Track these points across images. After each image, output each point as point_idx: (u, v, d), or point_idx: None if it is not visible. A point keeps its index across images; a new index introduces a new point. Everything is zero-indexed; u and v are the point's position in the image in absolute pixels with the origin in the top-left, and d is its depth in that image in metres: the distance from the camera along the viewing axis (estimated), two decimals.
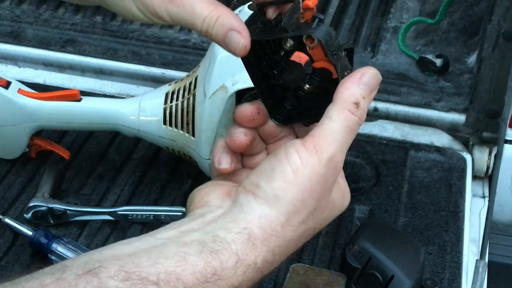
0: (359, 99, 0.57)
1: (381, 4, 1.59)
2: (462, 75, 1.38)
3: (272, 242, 0.52)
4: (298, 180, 0.54)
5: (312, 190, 0.54)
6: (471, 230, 1.14)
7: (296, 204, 0.53)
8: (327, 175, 0.55)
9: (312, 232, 0.57)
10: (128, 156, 1.23)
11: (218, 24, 0.59)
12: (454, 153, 1.25)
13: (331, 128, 0.56)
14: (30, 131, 1.14)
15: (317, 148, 0.55)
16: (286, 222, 0.53)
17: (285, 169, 0.54)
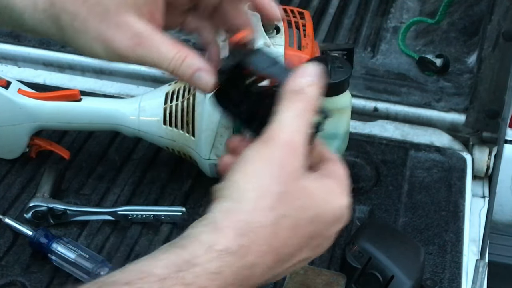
0: (302, 87, 0.59)
1: (381, 4, 1.59)
2: (462, 75, 1.38)
3: (242, 227, 0.53)
4: (255, 167, 0.55)
5: (273, 174, 0.55)
6: (471, 230, 1.14)
7: (259, 189, 0.54)
8: (285, 158, 0.56)
9: (295, 224, 0.56)
10: (128, 156, 1.23)
11: (185, 65, 0.62)
12: (454, 153, 1.25)
13: (279, 118, 0.58)
14: (30, 131, 1.14)
15: (270, 137, 0.57)
16: (252, 208, 0.54)
17: (243, 163, 0.56)
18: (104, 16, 0.61)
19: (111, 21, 0.61)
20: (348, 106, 0.98)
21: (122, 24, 0.61)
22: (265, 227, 0.54)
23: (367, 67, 1.42)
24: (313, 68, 0.61)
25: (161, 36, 0.63)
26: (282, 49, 0.96)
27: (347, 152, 1.10)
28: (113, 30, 0.61)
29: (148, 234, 1.08)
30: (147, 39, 0.62)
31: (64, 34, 0.63)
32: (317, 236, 0.59)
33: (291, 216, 0.55)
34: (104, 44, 0.62)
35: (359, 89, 1.35)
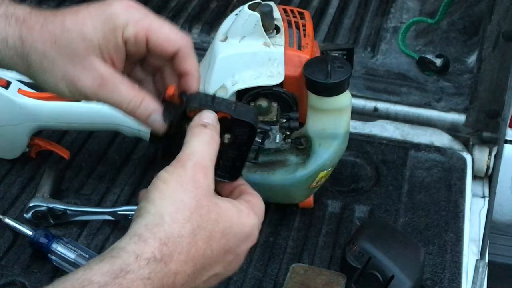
0: (205, 123, 0.69)
1: (381, 4, 1.59)
2: (462, 75, 1.38)
3: (163, 237, 0.58)
4: (170, 185, 0.62)
5: (187, 190, 0.62)
6: (471, 230, 1.14)
7: (175, 204, 0.61)
8: (196, 176, 0.64)
9: (209, 235, 0.62)
10: (128, 156, 1.23)
11: (142, 107, 0.70)
12: (454, 153, 1.25)
13: (189, 145, 0.67)
14: (30, 131, 1.14)
15: (182, 160, 0.65)
16: (171, 220, 0.60)
17: (158, 183, 0.63)
18: (72, 58, 0.67)
19: (78, 63, 0.67)
20: (348, 106, 0.98)
21: (88, 66, 0.67)
22: (183, 237, 0.60)
23: (367, 67, 1.42)
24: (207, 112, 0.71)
25: (122, 79, 0.69)
26: (282, 49, 0.97)
27: (347, 152, 1.10)
28: (79, 71, 0.67)
29: None
30: (109, 81, 0.68)
31: (32, 71, 0.69)
32: (229, 251, 0.66)
33: (205, 228, 0.62)
34: (69, 83, 0.68)
35: (359, 89, 1.36)
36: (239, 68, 0.97)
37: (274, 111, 0.95)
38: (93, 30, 0.67)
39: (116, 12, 0.68)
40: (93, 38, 0.67)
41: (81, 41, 0.67)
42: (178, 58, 0.71)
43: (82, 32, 0.67)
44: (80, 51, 0.67)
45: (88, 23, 0.67)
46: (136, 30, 0.69)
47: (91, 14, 0.68)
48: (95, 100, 0.69)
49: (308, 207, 1.13)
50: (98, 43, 0.67)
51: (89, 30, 0.67)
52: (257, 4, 0.97)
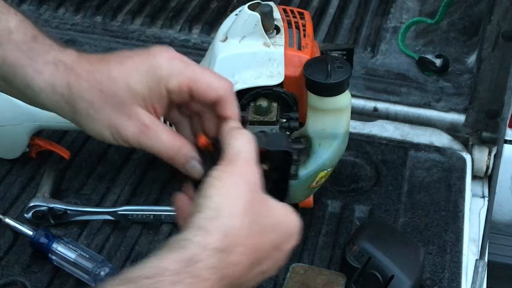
0: (240, 125, 0.73)
1: (381, 4, 1.59)
2: (461, 75, 1.38)
3: (225, 230, 0.62)
4: (223, 183, 0.66)
5: (239, 185, 0.66)
6: (471, 230, 1.14)
7: (230, 199, 0.65)
8: (246, 172, 0.67)
9: (262, 229, 0.65)
10: (128, 156, 1.23)
11: (181, 154, 0.73)
12: (454, 153, 1.25)
13: (233, 147, 0.69)
14: (30, 131, 1.14)
15: (230, 159, 0.68)
16: (229, 214, 0.63)
17: (212, 182, 0.66)
18: (117, 107, 0.71)
19: (123, 111, 0.71)
20: (348, 106, 0.98)
21: (132, 115, 0.71)
22: (241, 229, 0.63)
23: (367, 67, 1.42)
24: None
25: (163, 127, 0.72)
26: (282, 49, 0.97)
27: (347, 152, 1.10)
28: (123, 120, 0.71)
29: (148, 234, 1.08)
30: (151, 129, 0.71)
31: (77, 117, 0.74)
32: (277, 247, 0.68)
33: (258, 222, 0.65)
34: (114, 131, 0.72)
35: (359, 89, 1.36)
36: (239, 68, 0.97)
37: (274, 111, 0.95)
38: (138, 81, 0.71)
39: (160, 63, 0.71)
40: (138, 89, 0.71)
41: (127, 92, 0.71)
42: (218, 104, 0.73)
43: (127, 83, 0.71)
44: (126, 100, 0.71)
45: (133, 74, 0.71)
46: (179, 81, 0.71)
47: (137, 65, 0.72)
48: (137, 147, 0.73)
49: (308, 207, 1.13)
50: (143, 94, 0.71)
51: (135, 81, 0.71)
52: (257, 4, 0.98)
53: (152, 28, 1.53)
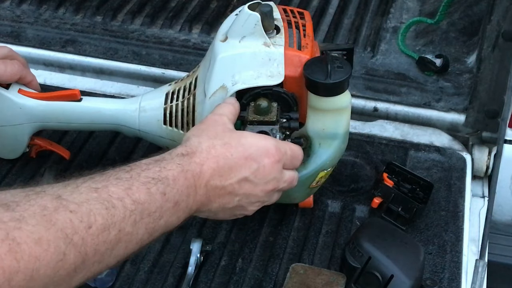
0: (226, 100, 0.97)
1: (381, 4, 1.59)
2: (461, 75, 1.38)
3: (187, 144, 0.83)
4: (197, 127, 0.89)
5: (204, 123, 0.88)
6: (471, 230, 1.14)
7: (195, 130, 0.87)
8: (213, 117, 0.89)
9: (225, 142, 0.84)
10: (128, 156, 1.23)
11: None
12: (454, 153, 1.26)
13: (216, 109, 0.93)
14: (30, 131, 1.14)
15: (207, 117, 0.91)
16: (193, 136, 0.84)
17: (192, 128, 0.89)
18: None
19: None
20: (348, 106, 0.98)
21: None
22: (202, 143, 0.83)
23: (367, 67, 1.42)
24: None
25: None
26: (282, 49, 0.97)
27: (347, 152, 1.10)
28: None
29: None
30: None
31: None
32: (250, 158, 0.84)
33: (222, 138, 0.84)
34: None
35: (359, 89, 1.36)
36: (239, 68, 0.97)
37: (274, 111, 0.95)
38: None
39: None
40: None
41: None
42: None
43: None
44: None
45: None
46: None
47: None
48: None
49: (308, 207, 1.13)
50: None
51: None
52: (257, 4, 0.98)
53: (152, 28, 1.53)
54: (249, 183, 0.84)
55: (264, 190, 0.86)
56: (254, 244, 1.08)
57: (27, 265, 0.59)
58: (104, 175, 0.72)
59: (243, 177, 0.84)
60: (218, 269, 1.05)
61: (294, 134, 0.99)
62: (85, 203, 0.66)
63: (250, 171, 0.84)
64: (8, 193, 0.64)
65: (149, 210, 0.72)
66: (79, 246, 0.64)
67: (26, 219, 0.60)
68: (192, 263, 1.03)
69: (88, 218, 0.65)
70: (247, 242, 1.09)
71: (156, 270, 1.04)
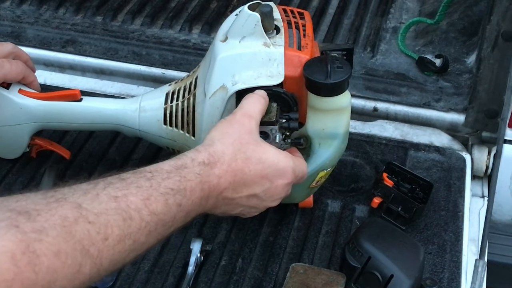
0: (256, 92, 0.95)
1: (380, 5, 1.59)
2: (461, 75, 1.38)
3: (211, 151, 0.82)
4: (221, 124, 0.87)
5: (232, 126, 0.86)
6: (471, 229, 1.14)
7: (221, 134, 0.85)
8: (241, 119, 0.87)
9: (247, 157, 0.84)
10: (128, 156, 1.23)
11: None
12: (454, 153, 1.26)
13: (240, 104, 0.92)
14: (30, 131, 1.14)
15: (233, 113, 0.90)
16: (218, 142, 0.84)
17: (216, 125, 0.88)
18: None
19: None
20: (348, 106, 0.98)
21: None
22: (225, 154, 0.83)
23: (367, 67, 1.42)
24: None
25: None
26: (282, 49, 0.97)
27: (347, 152, 1.10)
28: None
29: None
30: None
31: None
32: (265, 177, 0.85)
33: (245, 152, 0.84)
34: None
35: (358, 89, 1.36)
36: (239, 69, 0.97)
37: (274, 112, 0.95)
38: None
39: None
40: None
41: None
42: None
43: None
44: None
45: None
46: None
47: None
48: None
49: (308, 207, 1.14)
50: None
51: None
52: (257, 5, 0.98)
53: (152, 28, 1.53)
54: (257, 199, 0.87)
55: (268, 205, 0.90)
56: (254, 244, 1.09)
57: (45, 277, 0.60)
58: (125, 182, 0.73)
59: (254, 194, 0.86)
60: (218, 268, 1.05)
61: (294, 134, 0.99)
62: (104, 214, 0.67)
63: (262, 189, 0.86)
64: (29, 198, 0.64)
65: (164, 221, 0.74)
66: (95, 258, 0.65)
67: (47, 230, 0.61)
68: (192, 262, 1.03)
69: (105, 230, 0.66)
70: (247, 242, 1.09)
71: (156, 269, 1.04)
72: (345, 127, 0.99)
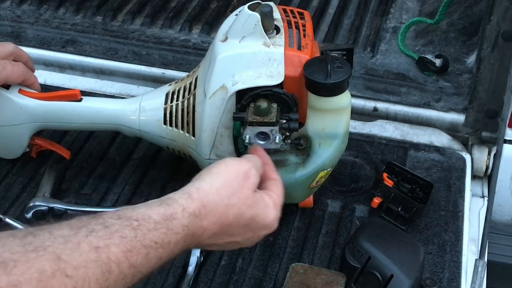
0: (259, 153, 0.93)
1: (380, 5, 1.59)
2: (461, 75, 1.38)
3: (205, 201, 0.79)
4: (228, 169, 0.83)
5: (237, 177, 0.83)
6: (471, 229, 1.14)
7: (223, 182, 0.82)
8: (249, 172, 0.84)
9: (239, 213, 0.81)
10: (128, 156, 1.23)
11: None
12: (454, 153, 1.26)
13: (248, 156, 0.90)
14: (30, 131, 1.14)
15: (244, 157, 0.88)
16: (216, 192, 0.80)
17: (220, 164, 0.84)
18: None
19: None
20: (347, 106, 0.98)
21: None
22: (219, 206, 0.80)
23: (367, 67, 1.42)
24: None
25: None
26: (282, 49, 0.97)
27: (347, 152, 1.10)
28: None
29: None
30: None
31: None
32: (251, 230, 0.84)
33: (239, 208, 0.81)
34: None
35: (358, 89, 1.36)
36: (239, 69, 0.97)
37: (274, 112, 0.95)
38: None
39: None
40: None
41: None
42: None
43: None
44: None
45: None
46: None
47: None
48: None
49: (308, 207, 1.14)
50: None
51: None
52: (257, 5, 0.98)
53: (152, 28, 1.53)
54: (235, 244, 0.85)
55: (245, 246, 0.89)
56: (254, 244, 1.08)
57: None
58: (109, 230, 0.70)
59: (234, 241, 0.84)
60: (218, 268, 1.05)
61: (294, 134, 1.00)
62: (83, 266, 0.65)
63: (244, 237, 0.85)
64: (6, 245, 0.62)
65: (141, 273, 0.72)
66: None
67: (22, 285, 0.60)
68: (192, 262, 1.03)
69: (82, 284, 0.64)
70: None
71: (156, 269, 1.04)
72: (345, 127, 1.00)
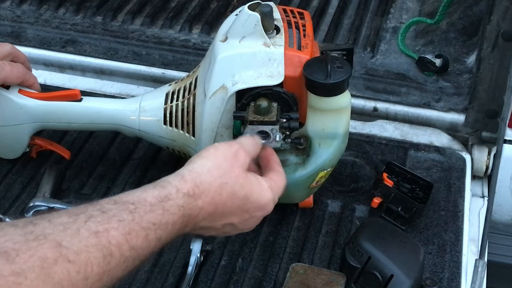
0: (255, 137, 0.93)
1: (380, 4, 1.59)
2: (461, 75, 1.38)
3: (197, 181, 0.80)
4: (217, 151, 0.84)
5: (226, 158, 0.84)
6: (471, 229, 1.14)
7: (214, 163, 0.83)
8: (237, 152, 0.85)
9: (233, 192, 0.82)
10: (128, 156, 1.23)
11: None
12: (454, 153, 1.26)
13: (238, 138, 0.90)
14: (30, 131, 1.14)
15: (231, 142, 0.88)
16: (207, 172, 0.81)
17: (210, 148, 0.85)
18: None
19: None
20: (347, 106, 0.98)
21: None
22: (212, 185, 0.81)
23: (367, 67, 1.42)
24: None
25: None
26: (282, 49, 0.97)
27: (347, 152, 1.10)
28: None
29: None
30: None
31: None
32: (246, 211, 0.85)
33: (232, 187, 0.82)
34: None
35: (358, 89, 1.36)
36: (239, 68, 0.97)
37: (274, 111, 0.95)
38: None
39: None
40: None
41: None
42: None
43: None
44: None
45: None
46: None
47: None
48: None
49: (308, 207, 1.14)
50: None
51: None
52: (257, 5, 0.98)
53: (152, 28, 1.53)
54: (232, 227, 0.86)
55: (240, 232, 0.89)
56: (254, 244, 1.09)
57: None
58: (106, 215, 0.71)
59: (230, 223, 0.85)
60: (218, 268, 1.05)
61: (294, 134, 1.00)
62: (84, 252, 0.66)
63: (240, 220, 0.86)
64: (7, 235, 0.63)
65: (142, 255, 0.73)
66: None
67: (25, 273, 0.60)
68: (192, 262, 1.03)
69: (85, 268, 0.65)
70: (247, 242, 1.09)
71: (156, 269, 1.04)
72: (345, 127, 1.00)
